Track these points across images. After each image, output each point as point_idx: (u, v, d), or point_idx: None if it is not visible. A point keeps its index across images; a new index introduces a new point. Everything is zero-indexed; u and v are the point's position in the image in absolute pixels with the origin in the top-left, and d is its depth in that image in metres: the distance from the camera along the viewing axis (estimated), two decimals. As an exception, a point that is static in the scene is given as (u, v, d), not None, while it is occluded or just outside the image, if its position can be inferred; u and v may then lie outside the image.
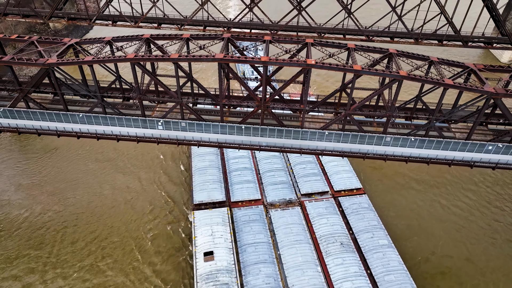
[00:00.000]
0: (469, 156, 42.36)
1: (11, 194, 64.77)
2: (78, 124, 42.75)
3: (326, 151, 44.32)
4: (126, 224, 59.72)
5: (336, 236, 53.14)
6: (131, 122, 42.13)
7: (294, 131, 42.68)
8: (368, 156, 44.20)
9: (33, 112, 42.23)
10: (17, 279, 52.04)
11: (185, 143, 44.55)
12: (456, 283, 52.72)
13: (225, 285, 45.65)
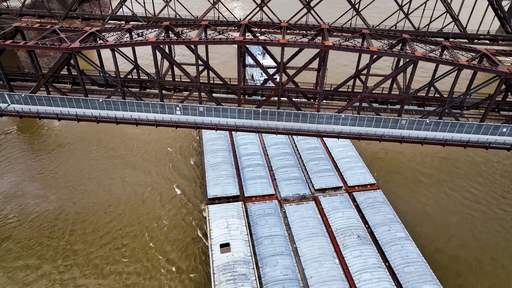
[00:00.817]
0: (484, 138, 42.27)
1: (26, 185, 65.13)
2: (98, 110, 43.00)
3: (342, 134, 44.22)
4: (139, 217, 59.28)
5: (353, 229, 52.38)
6: (149, 108, 42.35)
7: (310, 115, 42.75)
8: (384, 139, 44.07)
9: (54, 98, 42.57)
10: (33, 267, 51.62)
11: (203, 127, 44.61)
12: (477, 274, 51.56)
13: (243, 276, 44.72)
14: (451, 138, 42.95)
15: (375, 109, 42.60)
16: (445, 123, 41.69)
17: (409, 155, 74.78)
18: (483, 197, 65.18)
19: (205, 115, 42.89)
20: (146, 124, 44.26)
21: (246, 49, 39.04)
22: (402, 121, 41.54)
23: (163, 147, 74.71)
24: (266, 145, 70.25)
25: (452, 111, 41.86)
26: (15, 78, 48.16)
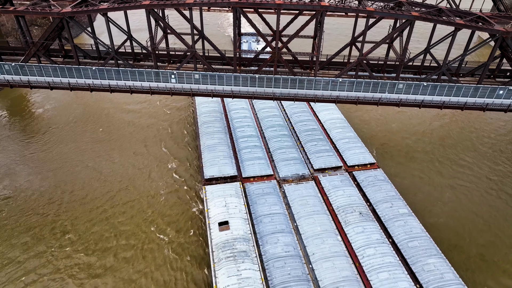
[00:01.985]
0: (480, 101, 41.53)
1: (18, 164, 63.56)
2: (91, 79, 41.04)
3: (340, 98, 42.95)
4: (133, 200, 57.19)
5: (354, 206, 51.17)
6: (144, 76, 40.54)
7: (307, 81, 41.40)
8: (382, 102, 43.00)
9: (45, 67, 40.50)
10: (35, 235, 50.57)
11: (199, 94, 43.05)
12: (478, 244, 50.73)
13: (243, 253, 43.11)
14: (448, 101, 42.05)
15: (372, 74, 41.42)
16: (442, 86, 40.89)
17: (410, 137, 74.01)
18: (475, 164, 66.39)
19: (200, 82, 41.23)
20: (140, 92, 42.48)
21: (241, 11, 37.52)
22: (399, 85, 40.49)
23: (158, 130, 72.91)
24: (263, 127, 68.78)
25: (448, 74, 40.95)
26: (4, 52, 45.94)
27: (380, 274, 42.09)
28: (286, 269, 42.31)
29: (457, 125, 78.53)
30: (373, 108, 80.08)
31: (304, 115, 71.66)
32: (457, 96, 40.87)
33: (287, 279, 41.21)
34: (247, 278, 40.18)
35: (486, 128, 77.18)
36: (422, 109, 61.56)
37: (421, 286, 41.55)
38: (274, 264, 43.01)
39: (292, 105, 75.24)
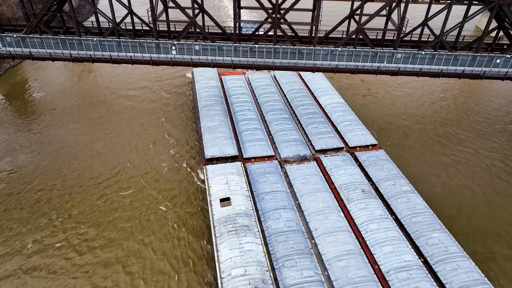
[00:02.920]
0: (478, 69, 41.36)
1: (20, 142, 63.85)
2: (92, 51, 40.64)
3: (339, 68, 42.61)
4: (133, 177, 56.59)
5: (357, 184, 50.73)
6: (145, 48, 40.14)
7: (306, 51, 41.07)
8: (381, 71, 42.72)
9: (47, 39, 40.09)
10: (38, 206, 50.81)
11: (199, 65, 42.70)
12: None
13: (245, 227, 42.60)
14: (446, 69, 41.84)
15: (371, 43, 41.14)
16: (440, 55, 40.68)
17: (410, 118, 73.77)
18: (471, 140, 67.12)
19: (201, 53, 40.83)
20: (141, 63, 42.15)
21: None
22: (397, 54, 40.26)
23: (157, 114, 72.51)
24: (263, 112, 68.37)
25: (446, 44, 40.75)
26: (6, 28, 45.49)
27: (384, 247, 41.63)
28: (289, 243, 41.81)
29: (456, 106, 78.45)
30: (375, 100, 79.90)
31: (305, 99, 71.30)
32: (455, 65, 40.65)
33: (290, 252, 40.69)
34: (250, 250, 39.65)
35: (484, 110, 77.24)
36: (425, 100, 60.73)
37: (425, 259, 41.03)
38: (276, 238, 42.50)
39: (293, 90, 74.93)
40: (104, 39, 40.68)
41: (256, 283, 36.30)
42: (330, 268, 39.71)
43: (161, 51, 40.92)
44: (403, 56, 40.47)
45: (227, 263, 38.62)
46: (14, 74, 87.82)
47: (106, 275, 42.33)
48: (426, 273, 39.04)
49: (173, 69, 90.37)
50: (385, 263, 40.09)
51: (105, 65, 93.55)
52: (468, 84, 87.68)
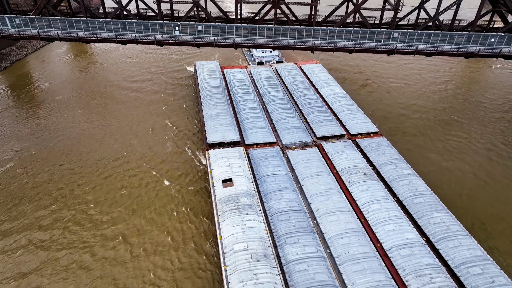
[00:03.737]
0: (473, 48, 41.95)
1: (26, 126, 65.59)
2: (98, 31, 41.41)
3: (337, 47, 43.22)
4: (136, 162, 56.89)
5: (358, 168, 50.95)
6: (149, 28, 40.86)
7: (306, 30, 41.69)
8: (378, 50, 43.28)
9: (54, 20, 40.90)
10: (51, 186, 51.81)
11: (202, 44, 43.21)
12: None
13: (247, 206, 42.75)
14: (442, 48, 42.42)
15: (368, 22, 41.82)
16: (436, 34, 41.23)
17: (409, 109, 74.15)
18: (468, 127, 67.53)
19: (203, 33, 41.48)
20: (146, 43, 42.80)
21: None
22: (394, 34, 40.87)
23: (160, 103, 73.09)
24: (265, 102, 68.87)
25: (442, 23, 41.39)
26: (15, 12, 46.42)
27: (385, 226, 41.67)
28: (291, 222, 41.91)
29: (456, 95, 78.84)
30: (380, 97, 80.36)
31: (306, 90, 71.83)
32: (451, 44, 41.29)
33: (292, 230, 40.78)
34: (252, 227, 39.76)
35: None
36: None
37: (428, 238, 41.02)
38: (278, 217, 42.63)
39: (294, 82, 75.51)
40: (110, 20, 41.40)
41: (258, 257, 36.34)
42: (332, 246, 39.73)
43: (165, 30, 41.56)
44: (400, 35, 41.12)
45: (229, 239, 38.71)
46: (20, 66, 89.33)
47: (108, 246, 43.15)
48: (428, 250, 39.01)
49: (176, 62, 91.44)
50: (387, 241, 40.10)
51: (109, 58, 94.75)
52: (465, 76, 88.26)
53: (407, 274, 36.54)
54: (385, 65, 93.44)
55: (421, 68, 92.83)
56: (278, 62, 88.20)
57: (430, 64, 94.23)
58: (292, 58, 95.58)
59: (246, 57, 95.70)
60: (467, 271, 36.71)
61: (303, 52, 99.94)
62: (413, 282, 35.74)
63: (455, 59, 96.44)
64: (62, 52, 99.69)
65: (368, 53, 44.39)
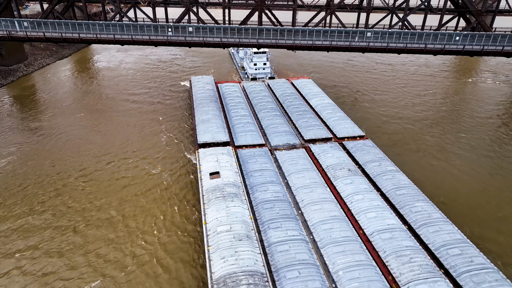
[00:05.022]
0: (440, 45, 45.17)
1: (31, 127, 69.09)
2: (98, 32, 44.99)
3: (314, 45, 46.32)
4: (130, 163, 58.44)
5: (343, 165, 52.46)
6: (144, 30, 44.39)
7: (287, 30, 45.10)
8: (352, 47, 46.39)
9: (58, 22, 44.55)
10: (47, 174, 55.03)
11: (192, 43, 46.33)
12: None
13: (232, 194, 43.92)
14: (411, 45, 45.66)
15: (343, 23, 45.36)
16: (406, 33, 44.56)
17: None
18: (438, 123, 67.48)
19: (193, 34, 44.90)
20: (141, 43, 46.01)
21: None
22: (367, 33, 44.23)
23: (156, 112, 75.84)
24: (256, 110, 71.47)
25: (410, 23, 44.82)
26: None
27: (368, 214, 42.56)
28: (275, 210, 42.85)
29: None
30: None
31: (296, 101, 74.72)
32: (419, 42, 44.73)
33: (276, 216, 41.66)
34: (236, 212, 40.71)
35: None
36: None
37: (410, 226, 41.77)
38: (263, 206, 43.61)
39: (285, 94, 78.61)
40: (109, 22, 45.03)
41: (241, 237, 37.08)
42: (314, 231, 40.47)
43: (159, 31, 45.08)
44: (373, 34, 44.54)
45: (213, 223, 39.57)
46: (26, 80, 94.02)
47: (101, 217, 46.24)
48: (409, 234, 39.71)
49: (171, 78, 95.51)
50: (369, 227, 40.87)
51: (110, 73, 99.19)
52: (447, 88, 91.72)
53: (387, 255, 37.07)
54: (372, 80, 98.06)
55: (406, 83, 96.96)
56: (270, 78, 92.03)
57: (413, 79, 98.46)
58: (284, 75, 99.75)
59: (240, 74, 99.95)
60: (447, 252, 37.25)
61: (294, 68, 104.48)
62: (393, 262, 36.22)
63: (438, 74, 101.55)
64: (67, 69, 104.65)
65: (345, 52, 47.66)
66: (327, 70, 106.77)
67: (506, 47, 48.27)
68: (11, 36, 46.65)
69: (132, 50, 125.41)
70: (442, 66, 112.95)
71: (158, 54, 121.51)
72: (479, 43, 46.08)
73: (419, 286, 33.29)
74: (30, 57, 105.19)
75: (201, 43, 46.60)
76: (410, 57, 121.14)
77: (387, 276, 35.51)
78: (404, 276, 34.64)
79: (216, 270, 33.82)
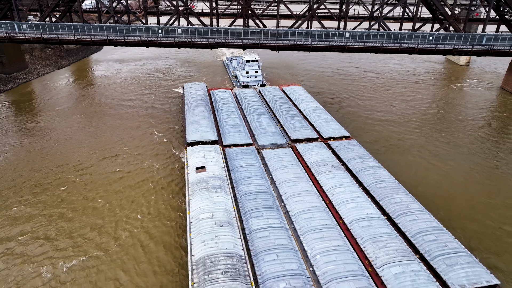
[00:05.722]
0: (413, 45, 47.75)
1: (30, 127, 70.69)
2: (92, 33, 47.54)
3: (296, 45, 48.75)
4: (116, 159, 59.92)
5: (327, 161, 53.93)
6: (136, 32, 46.91)
7: (270, 32, 47.64)
8: (331, 46, 48.83)
9: (55, 25, 47.10)
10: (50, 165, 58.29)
11: (181, 43, 48.65)
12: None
13: (217, 186, 45.25)
14: (387, 45, 48.18)
15: (323, 25, 47.94)
16: (382, 34, 47.11)
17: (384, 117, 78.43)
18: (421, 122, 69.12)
19: (182, 35, 47.37)
20: (133, 43, 48.43)
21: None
22: (346, 33, 46.82)
23: (149, 115, 77.75)
24: (246, 114, 73.31)
25: (385, 24, 47.45)
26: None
27: (348, 204, 43.79)
28: (258, 201, 44.08)
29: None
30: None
31: (285, 105, 76.73)
32: (395, 41, 47.41)
33: (258, 206, 42.86)
34: (219, 201, 41.95)
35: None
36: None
37: (389, 216, 42.97)
38: (246, 197, 44.85)
39: (275, 99, 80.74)
40: (103, 24, 47.60)
41: (222, 223, 38.23)
42: (295, 220, 41.62)
43: (150, 33, 47.65)
44: (351, 35, 47.20)
45: (196, 211, 40.76)
46: (25, 87, 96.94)
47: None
48: (387, 223, 40.87)
49: (166, 86, 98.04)
50: (348, 216, 42.04)
51: (106, 80, 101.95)
52: (428, 95, 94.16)
53: (364, 241, 38.17)
54: (360, 86, 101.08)
55: (395, 93, 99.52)
56: (262, 85, 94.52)
57: (400, 85, 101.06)
58: (276, 83, 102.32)
59: (233, 83, 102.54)
60: (422, 239, 38.37)
61: (286, 77, 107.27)
62: (370, 247, 37.30)
63: (424, 81, 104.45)
64: (65, 77, 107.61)
65: (325, 52, 50.15)
66: (317, 78, 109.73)
67: (475, 46, 51.17)
68: (10, 37, 49.19)
69: (130, 61, 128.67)
70: (429, 75, 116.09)
71: (154, 64, 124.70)
72: (451, 42, 48.94)
73: (393, 268, 34.29)
74: (30, 66, 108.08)
75: (190, 44, 49.07)
76: (398, 66, 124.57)
77: (364, 260, 36.52)
78: (380, 259, 35.67)
79: (196, 253, 34.85)
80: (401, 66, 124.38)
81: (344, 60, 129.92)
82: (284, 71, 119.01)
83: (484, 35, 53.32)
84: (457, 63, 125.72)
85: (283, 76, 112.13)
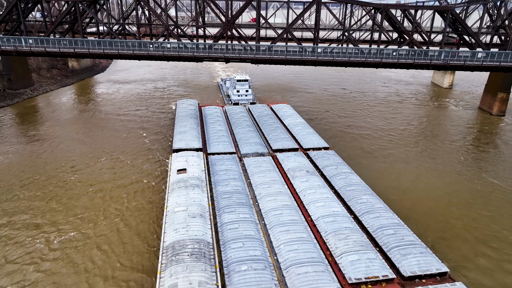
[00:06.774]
0: (378, 59, 52.48)
1: (34, 134, 71.94)
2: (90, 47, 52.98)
3: (273, 59, 53.51)
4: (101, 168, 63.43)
5: (303, 167, 57.19)
6: (130, 46, 52.25)
7: (250, 47, 52.50)
8: (304, 59, 53.60)
9: (58, 40, 52.69)
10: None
11: (170, 56, 53.58)
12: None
13: (195, 185, 48.41)
14: (354, 59, 53.18)
15: (299, 41, 52.89)
16: (350, 49, 52.12)
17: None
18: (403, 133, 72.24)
19: (171, 50, 52.50)
20: (126, 56, 53.60)
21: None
22: (318, 49, 51.67)
23: (142, 128, 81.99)
24: (233, 127, 77.38)
25: (351, 38, 52.45)
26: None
27: (316, 203, 46.65)
28: (232, 199, 47.06)
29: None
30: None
31: (271, 120, 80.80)
32: (361, 56, 52.28)
33: (231, 203, 45.79)
34: (195, 197, 45.04)
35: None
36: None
37: (355, 215, 45.74)
38: (222, 196, 47.88)
39: (262, 114, 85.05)
40: (100, 40, 53.05)
41: (195, 215, 41.15)
42: (266, 216, 44.43)
43: (142, 47, 52.94)
44: (322, 50, 52.02)
45: (172, 206, 43.79)
46: (30, 101, 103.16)
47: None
48: (351, 220, 43.56)
49: (162, 103, 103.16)
50: (315, 213, 44.84)
51: (107, 97, 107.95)
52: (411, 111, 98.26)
53: (327, 234, 40.79)
54: (343, 104, 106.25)
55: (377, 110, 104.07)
56: (252, 103, 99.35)
57: (382, 104, 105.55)
58: (265, 101, 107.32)
59: (225, 101, 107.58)
60: (382, 233, 40.97)
61: (275, 96, 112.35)
62: (331, 239, 39.89)
63: (406, 101, 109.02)
64: (68, 94, 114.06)
65: (299, 65, 54.92)
66: (305, 97, 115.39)
67: (433, 61, 55.97)
68: (17, 50, 54.66)
69: (131, 83, 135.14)
70: (411, 95, 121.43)
71: (154, 83, 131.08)
72: (412, 57, 53.75)
73: (351, 256, 36.80)
74: (36, 83, 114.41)
75: (177, 57, 54.12)
76: (383, 87, 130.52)
77: (326, 251, 39.02)
78: (339, 249, 38.22)
79: (168, 239, 37.64)
80: (385, 86, 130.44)
81: (332, 82, 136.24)
82: (275, 91, 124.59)
83: (442, 51, 58.79)
84: (441, 86, 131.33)
85: (273, 96, 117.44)
